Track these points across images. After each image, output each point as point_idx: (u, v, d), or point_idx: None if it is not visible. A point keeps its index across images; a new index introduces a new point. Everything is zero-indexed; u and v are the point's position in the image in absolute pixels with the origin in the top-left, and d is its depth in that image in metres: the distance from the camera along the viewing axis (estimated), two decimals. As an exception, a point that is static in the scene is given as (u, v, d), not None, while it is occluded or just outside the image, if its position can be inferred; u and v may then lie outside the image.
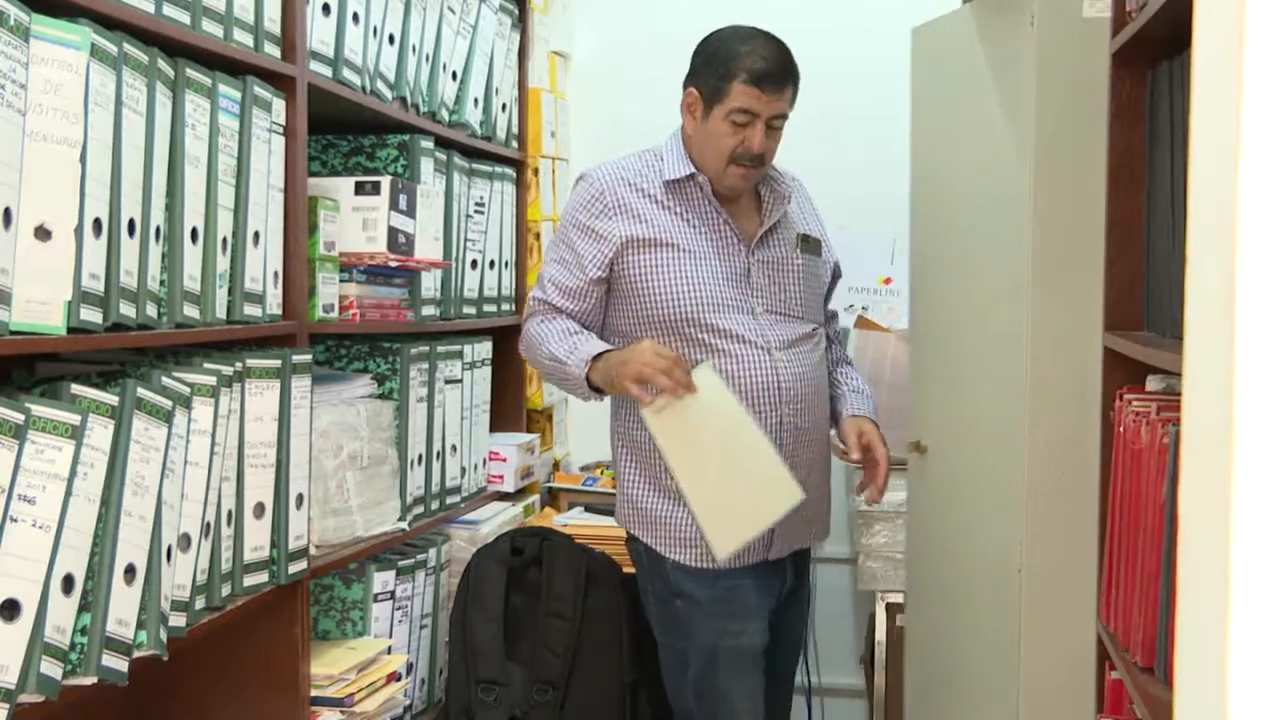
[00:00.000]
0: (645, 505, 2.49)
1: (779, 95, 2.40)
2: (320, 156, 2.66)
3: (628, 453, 2.52)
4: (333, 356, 2.67)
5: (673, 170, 2.48)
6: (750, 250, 2.48)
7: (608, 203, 2.47)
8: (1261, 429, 0.79)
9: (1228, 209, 0.81)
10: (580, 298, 2.47)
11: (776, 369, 2.43)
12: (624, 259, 2.44)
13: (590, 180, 2.52)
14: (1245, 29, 0.79)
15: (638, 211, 2.46)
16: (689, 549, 2.45)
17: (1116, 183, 2.08)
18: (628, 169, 2.51)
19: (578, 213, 2.50)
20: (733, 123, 2.41)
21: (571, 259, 2.48)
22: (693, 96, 2.47)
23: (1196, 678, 0.88)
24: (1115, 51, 2.06)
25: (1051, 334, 2.32)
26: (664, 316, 2.43)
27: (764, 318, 2.46)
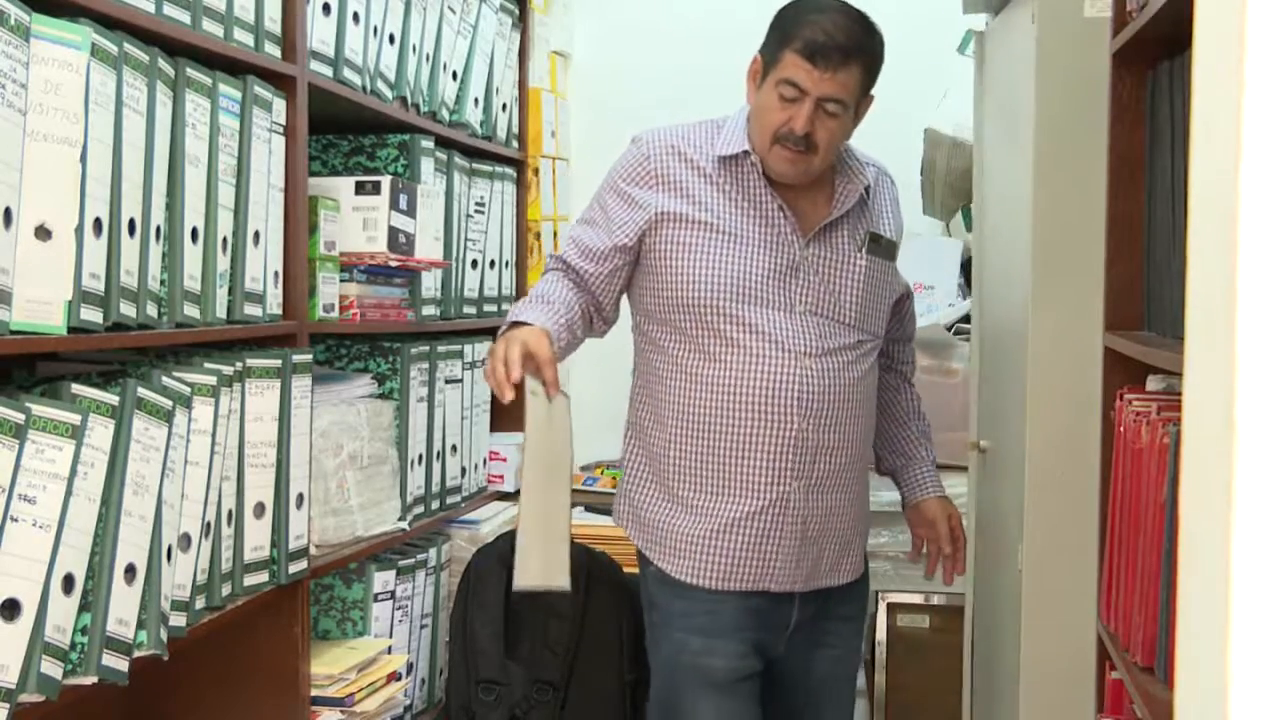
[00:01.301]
0: (642, 504, 2.33)
1: (831, 74, 2.16)
2: (320, 156, 2.66)
3: (637, 446, 2.37)
4: (333, 356, 2.67)
5: (727, 145, 2.28)
6: (805, 242, 2.26)
7: (650, 170, 2.29)
8: (1261, 429, 0.79)
9: (1228, 209, 0.81)
10: (599, 260, 2.29)
11: (801, 376, 2.21)
12: (656, 232, 2.27)
13: (639, 145, 2.34)
14: (1245, 29, 0.79)
15: (682, 184, 2.28)
16: (676, 559, 2.27)
17: (1116, 183, 2.08)
18: (682, 138, 2.32)
19: (618, 177, 2.33)
20: (780, 95, 2.18)
21: (600, 220, 2.32)
22: (756, 63, 2.27)
23: (1196, 678, 0.88)
24: (1115, 51, 2.06)
25: (1051, 334, 2.32)
26: (684, 300, 2.25)
27: (804, 318, 2.24)
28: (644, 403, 2.35)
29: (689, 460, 2.26)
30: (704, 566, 2.25)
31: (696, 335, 2.24)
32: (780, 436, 2.22)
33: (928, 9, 3.63)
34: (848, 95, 2.20)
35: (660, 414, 2.30)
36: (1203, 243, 0.90)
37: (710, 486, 2.25)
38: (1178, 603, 0.96)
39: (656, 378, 2.31)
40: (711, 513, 2.25)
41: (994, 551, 2.81)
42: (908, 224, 3.89)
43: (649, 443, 2.33)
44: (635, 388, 2.39)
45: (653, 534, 2.31)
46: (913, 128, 3.70)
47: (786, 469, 2.22)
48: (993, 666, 2.80)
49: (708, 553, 2.25)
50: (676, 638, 2.26)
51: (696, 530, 2.26)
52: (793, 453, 2.22)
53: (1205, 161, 0.90)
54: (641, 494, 2.35)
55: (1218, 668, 0.80)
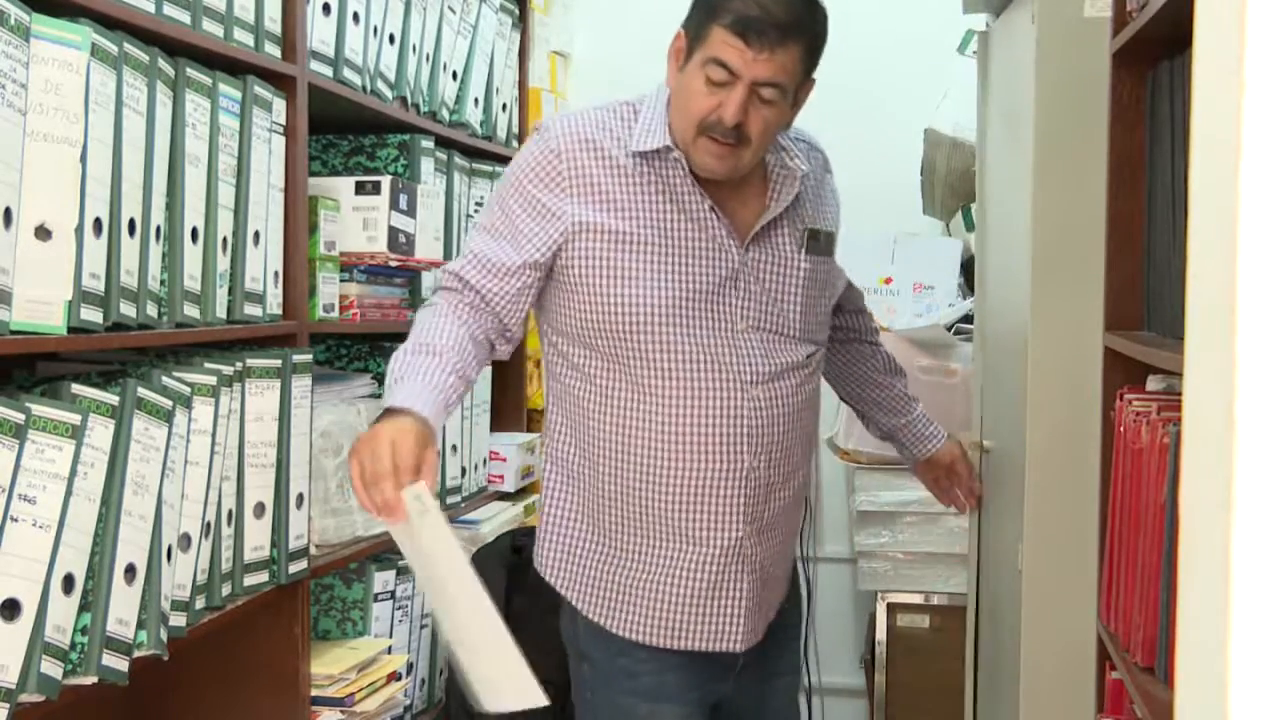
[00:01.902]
0: (572, 549, 2.05)
1: (767, 55, 1.84)
2: (320, 156, 2.67)
3: (561, 483, 2.06)
4: (333, 356, 2.67)
5: (643, 139, 1.96)
6: (744, 247, 1.98)
7: (561, 170, 1.95)
8: (1261, 429, 0.79)
9: (1228, 209, 0.81)
10: (504, 277, 1.94)
11: (747, 408, 1.96)
12: (573, 246, 1.94)
13: (546, 136, 1.99)
14: (1245, 29, 0.79)
15: (599, 185, 1.95)
16: (617, 613, 2.01)
17: (1116, 183, 2.08)
18: (596, 125, 1.99)
19: (524, 178, 1.97)
20: (707, 78, 1.87)
21: (505, 230, 1.96)
22: (680, 39, 1.95)
23: (1196, 678, 0.88)
24: (1115, 51, 2.06)
25: (1051, 334, 2.32)
26: (610, 325, 1.94)
27: (746, 336, 1.98)
28: (567, 434, 2.05)
29: (626, 503, 1.99)
30: (650, 622, 2.01)
31: (627, 363, 1.95)
32: (730, 477, 1.96)
33: (928, 9, 3.64)
34: (786, 79, 1.89)
35: (588, 449, 2.01)
36: (1203, 243, 0.90)
37: (653, 532, 2.00)
38: (1178, 603, 0.96)
39: (580, 409, 2.01)
40: (654, 562, 2.00)
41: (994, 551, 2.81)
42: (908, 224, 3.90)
43: (575, 480, 2.04)
44: (553, 414, 2.07)
45: (587, 583, 2.04)
46: (913, 128, 3.70)
47: (737, 512, 1.98)
48: (993, 666, 2.80)
49: (654, 605, 2.00)
50: (621, 702, 2.01)
51: (638, 579, 2.01)
52: (744, 494, 1.97)
53: (1205, 161, 0.90)
54: (571, 537, 2.06)
55: (1218, 668, 0.80)
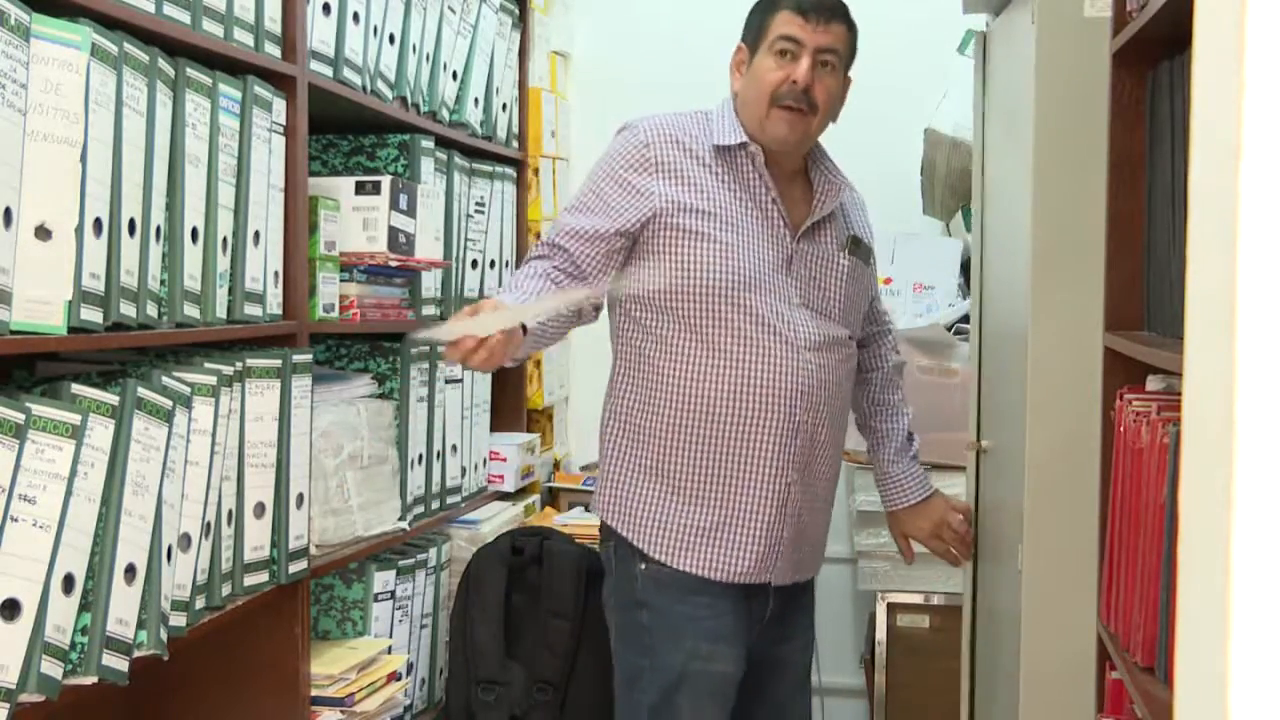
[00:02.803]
0: (634, 496, 2.26)
1: (825, 27, 2.21)
2: (320, 156, 2.67)
3: (624, 437, 2.29)
4: (333, 356, 2.67)
5: (723, 135, 2.26)
6: (795, 238, 2.28)
7: (650, 157, 2.23)
8: (1261, 429, 0.79)
9: (1228, 209, 0.81)
10: (592, 241, 2.21)
11: (802, 368, 2.22)
12: (660, 222, 2.21)
13: (635, 131, 2.28)
14: (1245, 29, 0.79)
15: (684, 173, 2.24)
16: (680, 552, 2.22)
17: (1116, 183, 2.08)
18: (677, 126, 2.28)
19: (616, 164, 2.25)
20: (777, 53, 2.21)
21: (598, 206, 2.23)
22: (741, 52, 2.30)
23: (1196, 678, 0.88)
24: (1115, 51, 2.06)
25: (1051, 334, 2.32)
26: (692, 289, 2.20)
27: (799, 311, 2.25)
28: (632, 393, 2.28)
29: (693, 450, 2.22)
30: (711, 558, 2.22)
31: (700, 324, 2.21)
32: (785, 427, 2.21)
33: (928, 9, 3.63)
34: (842, 47, 2.25)
35: (656, 404, 2.24)
36: (1203, 243, 0.90)
37: (716, 476, 2.22)
38: (1178, 603, 0.96)
39: (651, 369, 2.25)
40: (718, 503, 2.22)
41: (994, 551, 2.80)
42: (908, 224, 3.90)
43: (640, 434, 2.26)
44: (619, 378, 2.32)
45: (649, 527, 2.25)
46: (913, 128, 3.70)
47: (790, 460, 2.22)
48: (993, 666, 2.80)
49: (715, 544, 2.22)
50: (687, 645, 2.20)
51: (702, 521, 2.22)
52: (796, 444, 2.22)
53: (1205, 161, 0.90)
54: (633, 486, 2.27)
55: (1218, 668, 0.80)
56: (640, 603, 2.24)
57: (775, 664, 2.34)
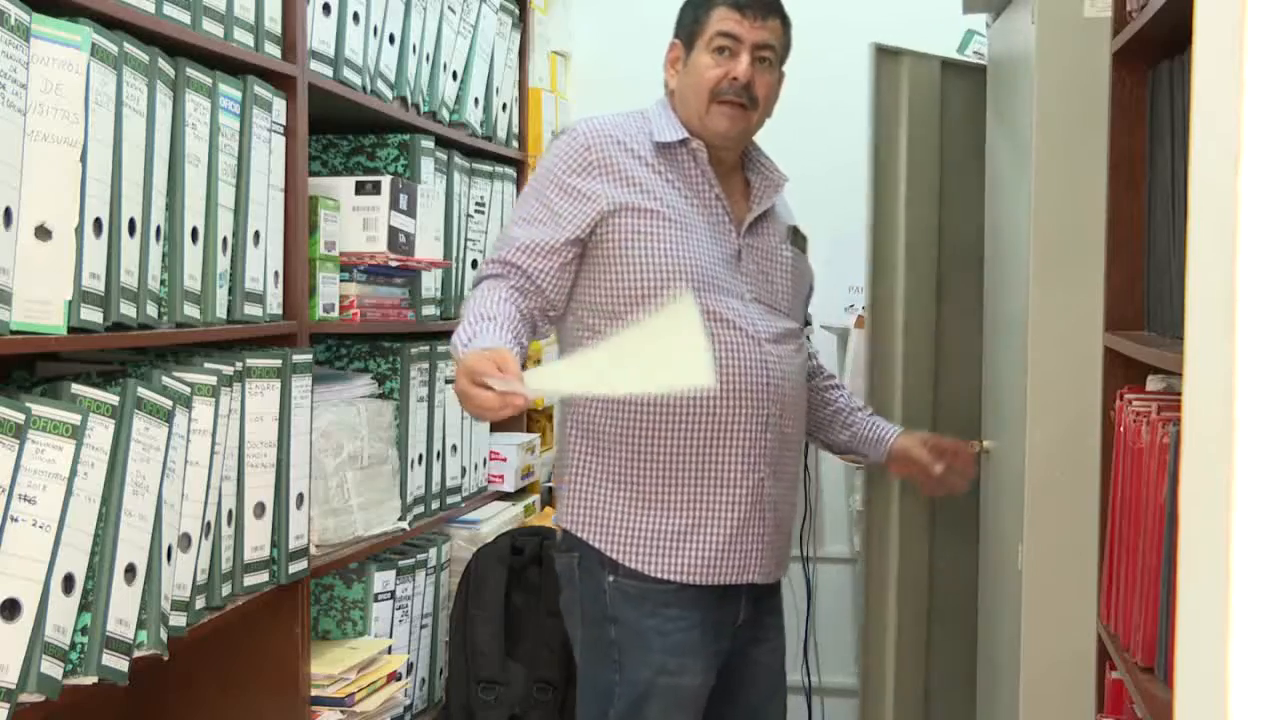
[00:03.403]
0: (600, 501, 2.19)
1: (762, 22, 2.21)
2: (321, 156, 2.67)
3: (582, 439, 2.22)
4: (333, 356, 2.67)
5: (663, 132, 2.23)
6: (740, 233, 2.26)
7: (593, 160, 2.18)
8: (1261, 429, 0.79)
9: (1228, 209, 0.81)
10: (547, 256, 2.15)
11: (766, 361, 2.19)
12: (609, 224, 2.16)
13: (574, 134, 2.23)
14: (1245, 29, 0.79)
15: (628, 173, 2.19)
16: (651, 558, 2.16)
17: (1116, 183, 2.08)
18: (615, 126, 2.24)
19: (558, 169, 2.19)
20: (715, 50, 2.20)
21: (544, 216, 2.17)
22: (676, 49, 2.28)
23: (1196, 678, 0.88)
24: (1115, 51, 2.06)
25: (1051, 334, 2.32)
26: (645, 290, 2.15)
27: (752, 306, 2.23)
28: (593, 401, 2.20)
29: (660, 454, 2.16)
30: (688, 562, 2.16)
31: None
32: (755, 423, 2.17)
33: (928, 9, 3.63)
34: (778, 43, 2.25)
35: (619, 413, 2.17)
36: (1203, 243, 0.90)
37: (689, 477, 2.17)
38: (1178, 603, 0.96)
39: None
40: (692, 504, 2.17)
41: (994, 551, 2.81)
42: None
43: (605, 441, 2.19)
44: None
45: (621, 535, 2.18)
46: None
47: (761, 456, 2.19)
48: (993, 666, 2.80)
49: (691, 547, 2.16)
50: (654, 659, 2.14)
51: (676, 525, 2.16)
52: (767, 438, 2.19)
53: (1205, 161, 0.90)
54: (601, 495, 2.20)
55: (1218, 668, 0.80)
56: (610, 617, 2.18)
57: (748, 667, 2.31)
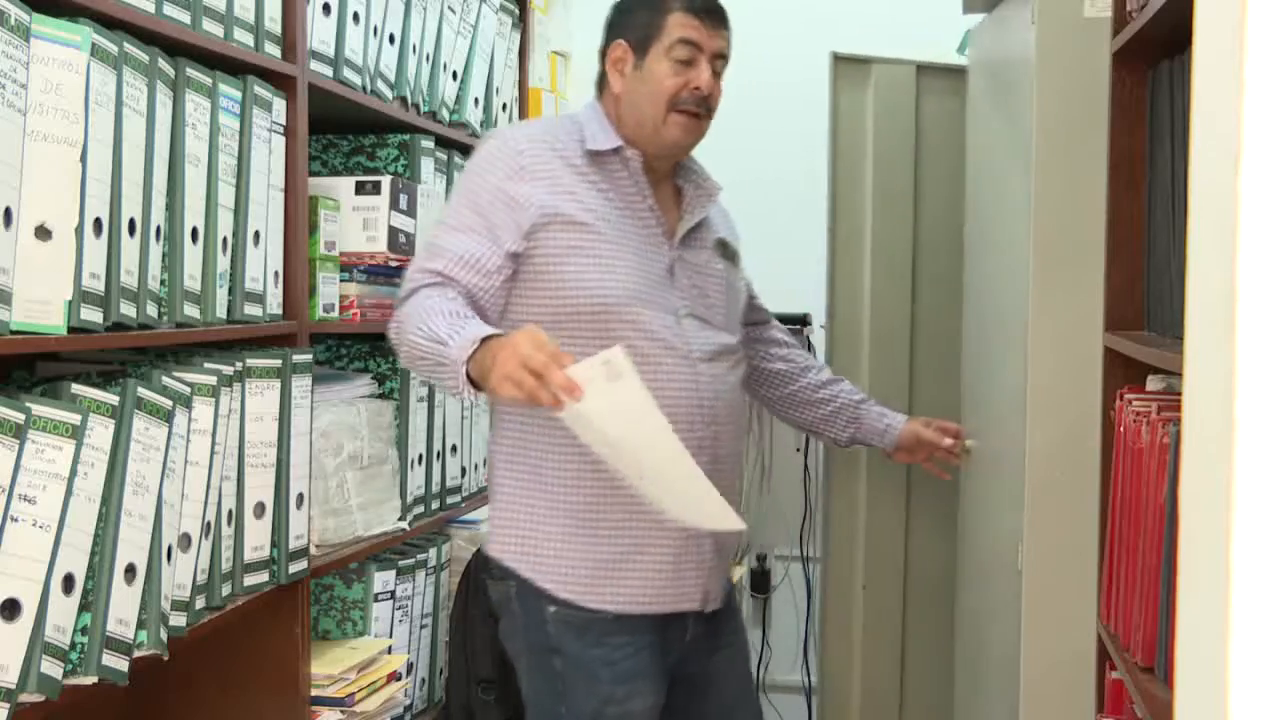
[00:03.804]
0: (532, 530, 2.10)
1: (719, 30, 2.14)
2: (321, 156, 2.67)
3: (511, 466, 2.12)
4: (333, 356, 2.67)
5: (596, 139, 2.13)
6: (673, 245, 2.16)
7: (526, 164, 2.07)
8: (1261, 429, 0.79)
9: (1228, 209, 0.81)
10: (487, 274, 2.03)
11: (699, 382, 2.10)
12: (540, 234, 2.05)
13: (503, 136, 2.15)
14: (1245, 29, 0.79)
15: (558, 177, 2.08)
16: (588, 588, 2.08)
17: (1116, 183, 2.08)
18: (547, 131, 2.16)
19: (489, 173, 2.08)
20: (675, 60, 2.10)
21: (480, 226, 2.05)
22: (620, 49, 2.15)
23: (1196, 678, 0.88)
24: (1115, 51, 2.06)
25: (1051, 334, 2.32)
26: (579, 306, 2.05)
27: (687, 321, 2.13)
28: (521, 425, 2.11)
29: (591, 480, 2.06)
30: (624, 591, 2.09)
31: (590, 345, 1.92)
32: (691, 447, 1.97)
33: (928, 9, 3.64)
34: (729, 52, 2.18)
35: (553, 438, 2.07)
36: (1203, 243, 0.90)
37: (617, 505, 2.07)
38: (1178, 603, 0.96)
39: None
40: (622, 533, 2.08)
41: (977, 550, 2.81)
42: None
43: (535, 468, 2.10)
44: (506, 414, 2.14)
45: (552, 565, 2.10)
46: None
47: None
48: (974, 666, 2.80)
49: (627, 576, 2.09)
50: (602, 690, 2.07)
51: (606, 554, 2.08)
52: (702, 464, 1.99)
53: (1205, 161, 0.90)
54: (533, 524, 2.11)
55: (1218, 668, 0.80)
56: (553, 648, 2.10)
57: (710, 680, 2.24)
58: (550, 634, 2.10)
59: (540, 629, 2.11)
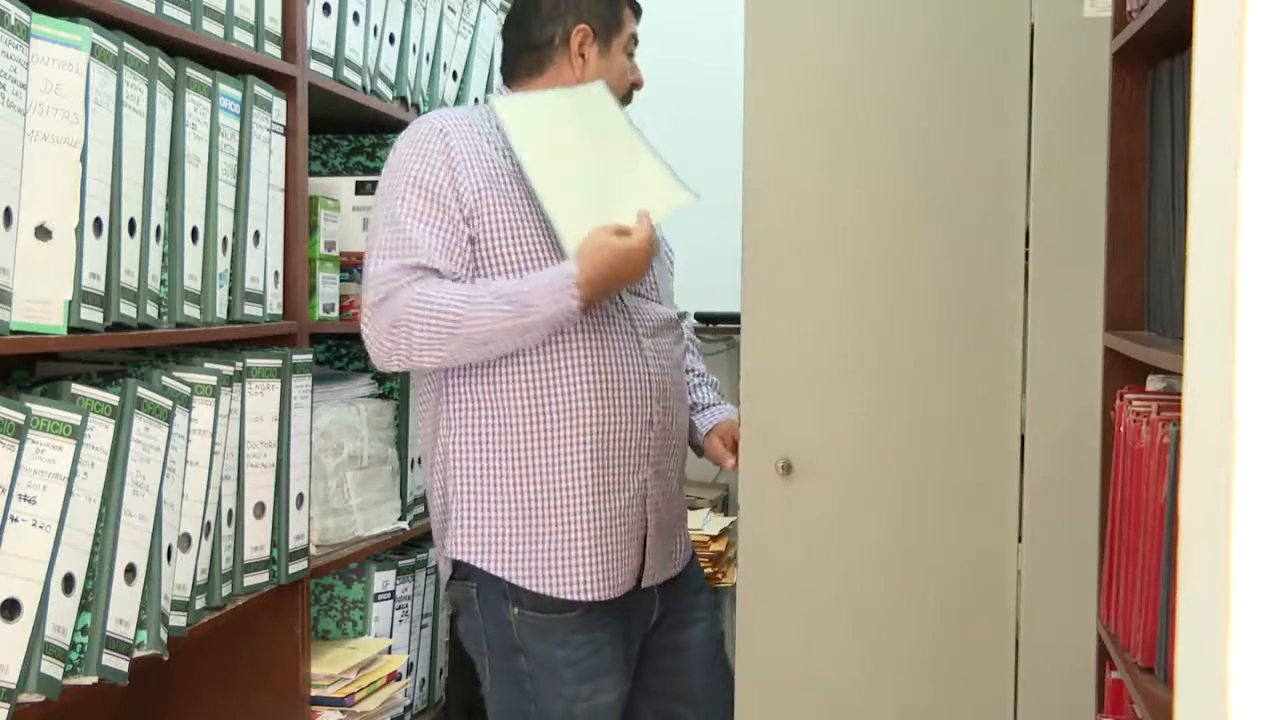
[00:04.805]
0: (491, 525, 2.06)
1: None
2: (321, 156, 2.67)
3: (464, 462, 2.07)
4: (333, 356, 2.67)
5: None
6: None
7: (453, 145, 2.04)
8: (1261, 429, 0.79)
9: (1228, 209, 0.81)
10: (460, 259, 2.00)
11: (645, 358, 2.10)
12: (480, 217, 2.01)
13: (423, 123, 2.10)
14: (1245, 29, 0.79)
15: (490, 161, 2.05)
16: (551, 575, 2.05)
17: (1116, 183, 2.08)
18: (467, 117, 2.12)
19: (429, 158, 2.03)
20: (628, 54, 2.23)
21: (436, 213, 2.00)
22: (585, 35, 2.17)
23: (1196, 678, 0.88)
24: (1115, 51, 2.06)
25: (1051, 334, 2.32)
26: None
27: (629, 298, 2.12)
28: (471, 418, 2.06)
29: (548, 467, 2.04)
30: (589, 578, 2.06)
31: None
32: (639, 423, 2.06)
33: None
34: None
35: (501, 427, 2.04)
36: (1203, 243, 0.90)
37: (579, 487, 2.05)
38: (1178, 603, 0.96)
39: (492, 386, 2.04)
40: (588, 516, 2.06)
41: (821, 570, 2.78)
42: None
43: (486, 463, 2.05)
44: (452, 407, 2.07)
45: (516, 559, 2.05)
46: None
47: (644, 456, 2.09)
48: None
49: (592, 561, 2.06)
50: (568, 691, 2.06)
51: (573, 539, 2.05)
52: (650, 437, 2.09)
53: (1205, 161, 0.90)
54: (490, 518, 2.06)
55: (1218, 668, 0.80)
56: (517, 648, 2.08)
57: (680, 654, 2.24)
58: (514, 634, 2.08)
59: (503, 629, 2.08)
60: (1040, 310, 2.33)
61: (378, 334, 1.96)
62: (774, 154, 2.38)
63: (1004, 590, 2.47)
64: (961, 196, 2.39)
